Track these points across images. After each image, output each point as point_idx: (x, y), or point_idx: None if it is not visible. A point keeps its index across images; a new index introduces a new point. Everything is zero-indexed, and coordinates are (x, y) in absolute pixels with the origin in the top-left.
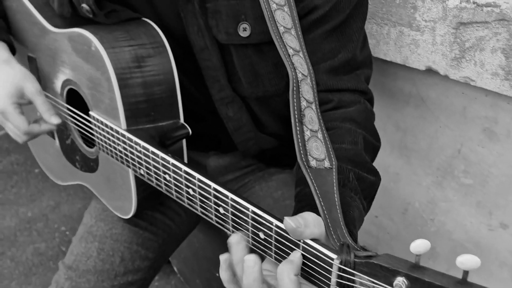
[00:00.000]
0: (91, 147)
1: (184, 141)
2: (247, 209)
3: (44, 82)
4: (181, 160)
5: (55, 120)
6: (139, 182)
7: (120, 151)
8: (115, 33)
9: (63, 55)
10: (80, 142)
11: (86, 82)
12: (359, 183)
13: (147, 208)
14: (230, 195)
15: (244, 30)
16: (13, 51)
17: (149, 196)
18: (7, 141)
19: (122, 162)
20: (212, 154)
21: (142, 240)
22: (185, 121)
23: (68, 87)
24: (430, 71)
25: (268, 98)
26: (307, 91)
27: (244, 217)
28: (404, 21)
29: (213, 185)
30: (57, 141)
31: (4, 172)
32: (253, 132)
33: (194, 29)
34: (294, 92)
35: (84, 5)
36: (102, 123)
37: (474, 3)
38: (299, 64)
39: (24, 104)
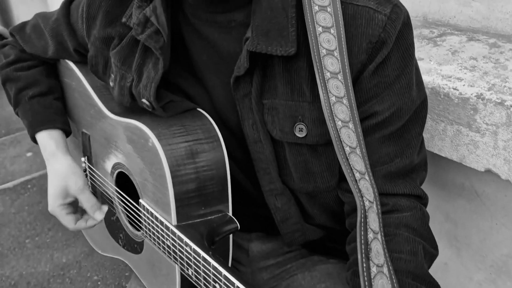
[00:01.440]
0: (137, 229)
1: (231, 235)
2: None
3: (95, 159)
4: (233, 271)
5: (99, 216)
6: (185, 277)
7: (169, 247)
8: (172, 128)
9: (118, 140)
10: (125, 222)
11: (138, 171)
12: None
13: None
14: None
15: (300, 131)
16: (67, 133)
17: None
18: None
19: (169, 257)
20: (254, 237)
21: None
22: (232, 204)
23: (119, 170)
24: (482, 177)
25: (318, 193)
26: (374, 220)
27: None
28: (462, 121)
29: None
30: (106, 206)
31: (42, 213)
32: (300, 224)
33: (249, 122)
34: (362, 224)
35: (144, 100)
36: (152, 214)
37: None
38: (365, 189)
39: (70, 202)
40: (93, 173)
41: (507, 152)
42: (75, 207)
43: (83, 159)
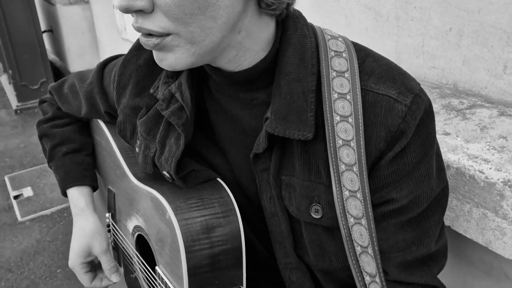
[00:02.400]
0: None
1: None
2: None
3: (119, 216)
4: None
5: (115, 279)
6: None
7: None
8: (190, 201)
9: (139, 205)
10: (143, 283)
11: (155, 239)
12: None
13: None
14: None
15: (316, 212)
16: (95, 188)
17: None
18: None
19: None
20: None
21: None
22: (248, 270)
23: (139, 233)
24: None
25: (333, 270)
26: None
27: None
28: (488, 205)
29: None
30: (122, 269)
31: None
32: None
33: (267, 195)
34: None
35: (165, 172)
36: (166, 284)
37: None
38: (366, 264)
39: (91, 260)
40: (116, 230)
41: None
42: (93, 266)
43: (107, 214)
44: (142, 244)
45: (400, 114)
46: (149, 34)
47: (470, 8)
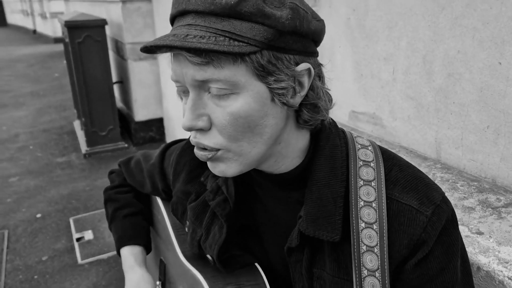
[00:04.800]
0: None
1: None
2: None
3: (168, 286)
4: None
5: None
6: None
7: None
8: (228, 286)
9: (185, 282)
10: None
11: None
12: None
13: None
14: None
15: None
16: (148, 249)
17: None
18: None
19: None
20: None
21: None
22: None
23: None
24: None
25: None
26: None
27: None
28: None
29: None
30: None
31: None
32: None
33: (299, 285)
34: None
35: (208, 256)
36: None
37: None
38: None
39: None
40: None
41: None
42: None
43: (158, 282)
44: None
45: (421, 225)
46: (203, 148)
47: (506, 110)
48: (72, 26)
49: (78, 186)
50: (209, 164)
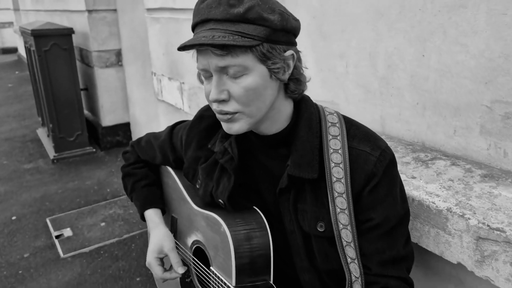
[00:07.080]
0: None
1: None
2: None
3: (179, 236)
4: None
5: (181, 271)
6: None
7: None
8: (236, 220)
9: (198, 225)
10: (197, 284)
11: (212, 247)
12: None
13: None
14: None
15: (321, 227)
16: (163, 212)
17: None
18: (117, 248)
19: None
20: None
21: None
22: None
23: (197, 245)
24: (461, 265)
25: (334, 271)
26: None
27: None
28: (439, 226)
29: None
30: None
31: (112, 276)
32: None
33: (287, 218)
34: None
35: (220, 201)
36: (218, 277)
37: (487, 225)
38: (353, 269)
39: (162, 257)
40: (177, 246)
41: (469, 250)
42: (163, 263)
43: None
44: (198, 255)
45: (372, 163)
46: (225, 114)
47: (429, 90)
48: (38, 35)
49: (50, 189)
50: (225, 125)
